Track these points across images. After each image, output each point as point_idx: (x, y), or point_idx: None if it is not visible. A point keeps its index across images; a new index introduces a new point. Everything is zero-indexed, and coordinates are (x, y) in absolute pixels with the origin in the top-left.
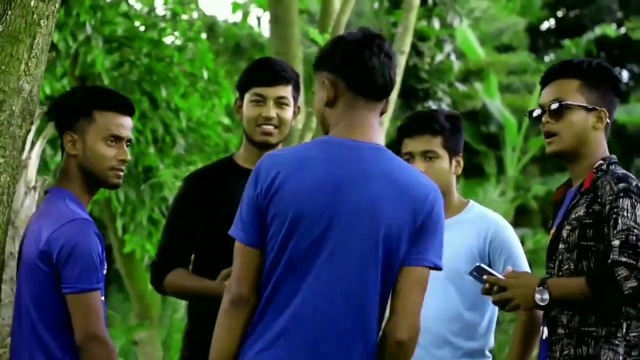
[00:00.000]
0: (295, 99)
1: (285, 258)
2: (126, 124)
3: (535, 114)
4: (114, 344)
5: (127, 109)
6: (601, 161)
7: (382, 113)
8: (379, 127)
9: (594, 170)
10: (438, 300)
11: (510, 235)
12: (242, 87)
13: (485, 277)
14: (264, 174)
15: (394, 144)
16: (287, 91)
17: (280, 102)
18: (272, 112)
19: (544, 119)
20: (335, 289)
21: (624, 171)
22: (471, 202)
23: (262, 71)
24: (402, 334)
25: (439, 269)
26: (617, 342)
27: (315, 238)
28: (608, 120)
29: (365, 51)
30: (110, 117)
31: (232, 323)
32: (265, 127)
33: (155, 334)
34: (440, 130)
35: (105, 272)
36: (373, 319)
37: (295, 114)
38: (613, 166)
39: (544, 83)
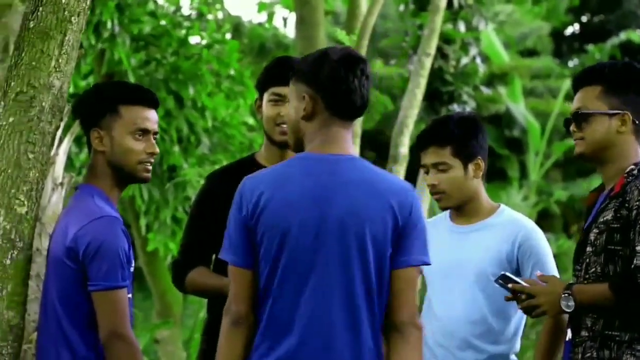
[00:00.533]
0: None
1: (279, 275)
2: (152, 117)
3: (568, 121)
4: (138, 340)
5: (152, 102)
6: (632, 166)
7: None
8: (351, 140)
9: (625, 174)
10: (464, 302)
11: (540, 239)
12: (261, 87)
13: (510, 285)
14: (247, 195)
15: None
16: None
17: None
18: None
19: (571, 127)
20: (331, 302)
21: None
22: (502, 206)
23: (280, 70)
24: (401, 317)
25: (428, 264)
26: (639, 348)
27: (306, 251)
28: (635, 122)
29: (349, 73)
30: (136, 110)
31: (234, 343)
32: (284, 126)
33: (177, 332)
34: (448, 140)
35: (132, 270)
36: (367, 325)
37: None
38: None
39: (574, 90)
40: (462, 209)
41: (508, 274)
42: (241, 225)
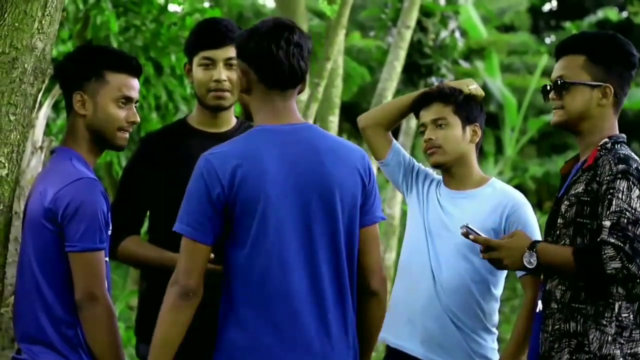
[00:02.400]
0: None
1: (252, 246)
2: (136, 86)
3: (547, 88)
4: (115, 306)
5: (137, 70)
6: (607, 139)
7: (300, 92)
8: (296, 108)
9: (599, 147)
10: (447, 268)
11: (528, 212)
12: (191, 51)
13: (471, 237)
14: (219, 171)
15: None
16: (235, 52)
17: (229, 64)
18: (223, 74)
19: (550, 94)
20: (320, 266)
21: (628, 152)
22: (494, 179)
23: (209, 33)
24: (375, 285)
25: (384, 219)
26: (604, 322)
27: (285, 220)
28: (617, 96)
29: (272, 45)
30: (122, 78)
31: (180, 316)
32: (217, 92)
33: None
34: (451, 98)
35: (110, 233)
36: (347, 285)
37: None
38: (618, 145)
39: (557, 57)
40: (453, 173)
41: (470, 225)
42: (209, 201)
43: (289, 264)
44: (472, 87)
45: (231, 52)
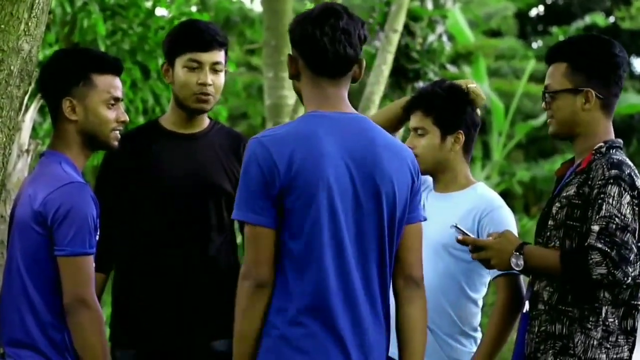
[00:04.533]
0: (226, 62)
1: (309, 234)
2: (120, 85)
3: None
4: (101, 310)
5: (120, 70)
6: (602, 143)
7: (354, 80)
8: (346, 97)
9: (593, 151)
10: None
11: (502, 215)
12: (174, 51)
13: (460, 237)
14: (275, 155)
15: None
16: (221, 56)
17: (215, 69)
18: (209, 78)
19: (542, 105)
20: (369, 258)
21: (622, 157)
22: (479, 183)
23: (197, 36)
24: (419, 277)
25: (425, 219)
26: (589, 326)
27: (340, 209)
28: (602, 98)
29: (317, 31)
30: (109, 79)
31: (259, 307)
32: (201, 95)
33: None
34: (432, 107)
35: (98, 238)
36: (388, 279)
37: (225, 77)
38: (613, 150)
39: (547, 66)
40: (437, 178)
41: (459, 225)
42: (266, 186)
43: (345, 253)
44: (472, 85)
45: (218, 56)
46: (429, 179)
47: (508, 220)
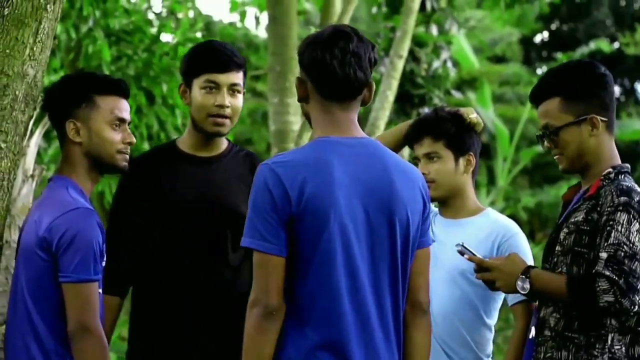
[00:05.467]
0: (244, 84)
1: (320, 261)
2: (126, 107)
3: (542, 139)
4: (105, 337)
5: (125, 92)
6: (610, 169)
7: (364, 103)
8: (356, 121)
9: (602, 177)
10: (436, 296)
11: (520, 241)
12: (191, 72)
13: (466, 256)
14: (287, 182)
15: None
16: (239, 77)
17: (233, 90)
18: (226, 100)
19: (545, 144)
20: (382, 285)
21: (631, 184)
22: (489, 209)
23: (215, 56)
24: (425, 303)
25: (434, 242)
26: (595, 353)
27: (353, 237)
28: (604, 120)
29: (326, 54)
30: (113, 100)
31: (268, 336)
32: (218, 118)
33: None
34: (442, 132)
35: (104, 264)
36: (401, 305)
37: (243, 99)
38: (622, 176)
39: (535, 105)
40: (448, 204)
41: (466, 245)
42: (277, 213)
43: (359, 282)
44: (473, 116)
45: (236, 77)
46: (432, 204)
47: (525, 247)
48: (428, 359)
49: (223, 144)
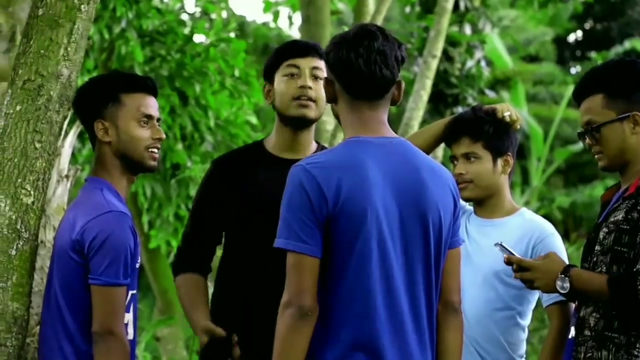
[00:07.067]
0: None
1: (357, 262)
2: (154, 104)
3: (584, 136)
4: (142, 337)
5: (151, 89)
6: None
7: (394, 103)
8: (386, 121)
9: None
10: (471, 298)
11: (556, 242)
12: (273, 65)
13: (505, 256)
14: (323, 184)
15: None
16: (320, 64)
17: (314, 75)
18: (308, 81)
19: (586, 142)
20: (417, 285)
21: None
22: (524, 209)
23: (294, 44)
24: (457, 303)
25: (463, 242)
26: (636, 353)
27: (387, 236)
28: None
29: (351, 53)
30: (138, 97)
31: (302, 337)
32: (302, 100)
33: (178, 331)
34: (480, 133)
35: (137, 265)
36: (434, 305)
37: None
38: None
39: (577, 103)
40: (484, 203)
41: (505, 244)
42: (314, 214)
43: (393, 283)
44: (507, 114)
45: (317, 62)
46: (465, 204)
47: (561, 247)
48: (460, 358)
49: (311, 145)
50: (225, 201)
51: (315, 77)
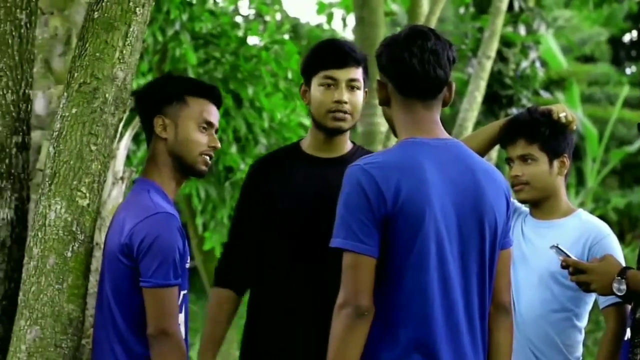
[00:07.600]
0: (365, 81)
1: (429, 265)
2: (216, 113)
3: None
4: (194, 338)
5: (217, 99)
6: None
7: (445, 104)
8: (439, 121)
9: None
10: (527, 299)
11: (612, 243)
12: (310, 70)
13: (561, 258)
14: (382, 184)
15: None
16: (358, 73)
17: (351, 86)
18: (344, 95)
19: None
20: (471, 286)
21: None
22: (580, 210)
23: (332, 52)
24: (508, 303)
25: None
26: None
27: (444, 238)
28: None
29: (405, 53)
30: (203, 103)
31: (359, 338)
32: (337, 113)
33: (231, 332)
34: (537, 134)
35: (187, 265)
36: (487, 307)
37: (365, 97)
38: None
39: None
40: (540, 205)
41: (561, 246)
42: (373, 214)
43: (450, 284)
44: (563, 115)
45: (354, 73)
46: (521, 206)
47: (617, 249)
48: (510, 358)
49: (345, 145)
50: (263, 204)
51: (352, 88)
